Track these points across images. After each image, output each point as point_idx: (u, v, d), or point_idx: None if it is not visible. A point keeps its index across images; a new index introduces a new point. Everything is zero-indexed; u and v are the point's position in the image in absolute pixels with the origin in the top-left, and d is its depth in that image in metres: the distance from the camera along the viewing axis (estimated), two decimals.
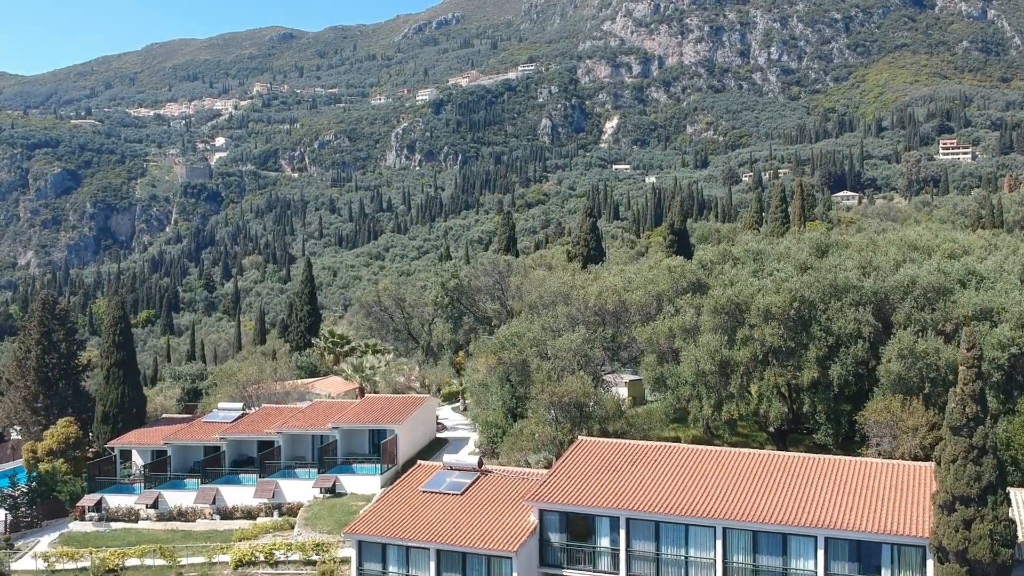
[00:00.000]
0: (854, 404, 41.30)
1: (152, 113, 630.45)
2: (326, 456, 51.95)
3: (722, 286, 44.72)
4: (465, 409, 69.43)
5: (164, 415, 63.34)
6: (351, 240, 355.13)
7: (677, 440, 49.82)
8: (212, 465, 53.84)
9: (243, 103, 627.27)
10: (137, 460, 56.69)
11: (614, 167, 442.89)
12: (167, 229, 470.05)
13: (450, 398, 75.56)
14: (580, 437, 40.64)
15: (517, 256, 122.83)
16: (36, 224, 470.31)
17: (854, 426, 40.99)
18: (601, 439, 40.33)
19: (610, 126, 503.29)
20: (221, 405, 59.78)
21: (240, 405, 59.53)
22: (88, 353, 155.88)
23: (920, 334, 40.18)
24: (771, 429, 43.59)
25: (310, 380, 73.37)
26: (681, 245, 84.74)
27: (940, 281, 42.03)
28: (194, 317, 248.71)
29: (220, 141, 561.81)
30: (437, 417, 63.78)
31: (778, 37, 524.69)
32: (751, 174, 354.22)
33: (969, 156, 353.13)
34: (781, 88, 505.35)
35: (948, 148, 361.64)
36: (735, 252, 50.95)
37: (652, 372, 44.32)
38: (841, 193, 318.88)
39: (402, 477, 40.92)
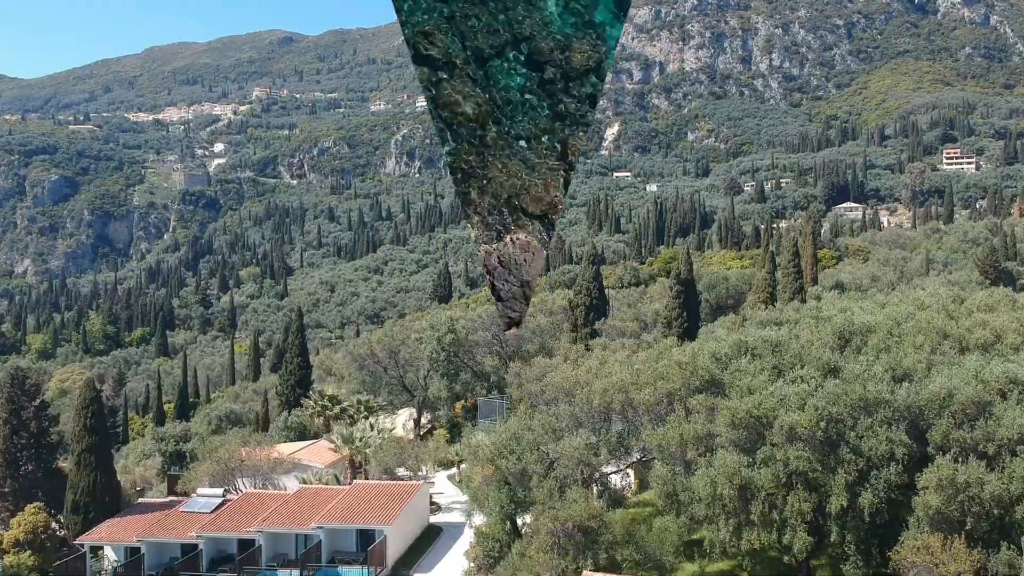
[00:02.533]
0: (887, 533, 37.50)
1: (151, 118, 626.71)
2: (309, 562, 48.25)
3: (739, 393, 40.90)
4: (461, 481, 65.88)
5: (140, 500, 59.60)
6: (350, 250, 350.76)
7: (692, 548, 46.17)
8: (190, 566, 50.15)
9: (242, 108, 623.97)
10: (110, 554, 53.09)
11: (615, 174, 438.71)
12: (165, 237, 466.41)
13: (445, 464, 72.04)
14: (585, 573, 36.95)
15: None
16: (33, 232, 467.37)
17: (886, 558, 37.16)
18: None
19: (611, 133, 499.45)
20: (200, 491, 56.09)
21: (221, 492, 55.81)
22: (72, 376, 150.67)
23: (959, 459, 36.36)
24: (795, 553, 39.75)
25: (298, 447, 69.66)
26: (688, 296, 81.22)
27: (979, 394, 38.21)
28: (189, 335, 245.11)
29: (219, 147, 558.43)
30: (431, 496, 60.27)
31: (780, 43, 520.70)
32: (753, 183, 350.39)
33: (973, 166, 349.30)
34: (783, 95, 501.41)
35: (952, 158, 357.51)
36: (750, 342, 47.15)
37: (664, 486, 40.49)
38: (844, 204, 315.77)
39: None
